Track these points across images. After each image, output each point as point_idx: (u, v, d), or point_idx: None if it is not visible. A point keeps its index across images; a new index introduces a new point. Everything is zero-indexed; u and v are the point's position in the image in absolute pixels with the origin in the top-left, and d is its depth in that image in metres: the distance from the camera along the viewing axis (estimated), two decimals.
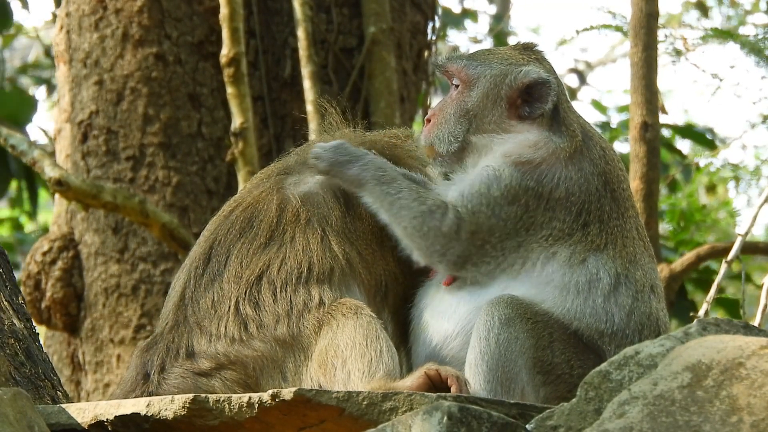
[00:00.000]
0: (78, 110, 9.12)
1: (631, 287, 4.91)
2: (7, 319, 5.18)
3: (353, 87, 9.21)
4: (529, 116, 5.00)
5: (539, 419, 3.91)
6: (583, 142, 4.99)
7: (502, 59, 5.08)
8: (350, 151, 5.04)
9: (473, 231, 4.87)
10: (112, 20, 9.09)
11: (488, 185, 4.89)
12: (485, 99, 5.04)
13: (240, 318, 4.90)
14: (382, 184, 4.96)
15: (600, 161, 4.98)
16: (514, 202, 4.88)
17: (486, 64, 5.07)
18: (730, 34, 9.36)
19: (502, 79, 5.03)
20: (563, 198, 4.90)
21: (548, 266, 4.86)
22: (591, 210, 4.91)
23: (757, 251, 10.40)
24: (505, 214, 4.88)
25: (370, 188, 4.96)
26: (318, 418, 4.49)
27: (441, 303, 4.99)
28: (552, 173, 4.91)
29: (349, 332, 4.79)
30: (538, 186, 4.89)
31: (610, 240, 4.91)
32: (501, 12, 18.21)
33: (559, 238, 4.87)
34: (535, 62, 5.09)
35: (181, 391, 4.83)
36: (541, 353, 4.82)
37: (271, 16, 9.31)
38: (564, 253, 4.86)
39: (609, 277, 4.87)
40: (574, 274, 4.86)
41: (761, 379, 3.68)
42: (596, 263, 4.88)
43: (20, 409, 4.30)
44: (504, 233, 4.88)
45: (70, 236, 9.13)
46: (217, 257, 5.02)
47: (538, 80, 5.00)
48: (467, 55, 5.15)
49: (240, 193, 5.28)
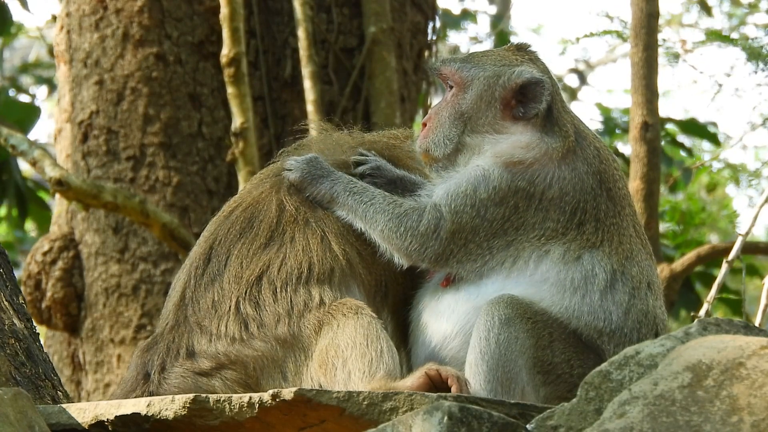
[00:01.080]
0: (78, 110, 9.12)
1: (627, 284, 4.91)
2: (8, 319, 5.18)
3: (353, 87, 9.21)
4: (524, 117, 5.00)
5: (539, 419, 3.91)
6: (577, 141, 4.99)
7: (496, 61, 5.09)
8: (323, 166, 5.09)
9: (454, 230, 4.89)
10: (113, 20, 9.09)
11: (475, 186, 4.90)
12: (479, 101, 5.04)
13: (240, 318, 4.90)
14: (354, 194, 5.00)
15: (594, 160, 4.98)
16: (501, 203, 4.89)
17: (479, 66, 5.07)
18: (729, 39, 9.37)
19: (495, 80, 5.03)
20: (557, 198, 4.91)
21: (542, 264, 4.87)
22: (586, 209, 4.92)
23: (758, 251, 10.42)
24: (491, 215, 4.89)
25: (342, 199, 5.00)
26: (318, 418, 4.49)
27: (439, 304, 5.00)
28: (544, 173, 4.92)
29: (349, 332, 4.79)
30: (529, 186, 4.90)
31: (606, 237, 4.92)
32: (501, 12, 18.21)
33: (551, 237, 4.88)
34: (528, 62, 5.09)
35: (182, 390, 4.83)
36: (541, 353, 4.82)
37: (271, 16, 9.31)
38: (557, 250, 4.87)
39: (605, 273, 4.88)
40: (569, 271, 4.86)
41: (762, 379, 3.68)
42: (591, 260, 4.88)
43: (21, 409, 4.31)
44: (490, 233, 4.89)
45: (71, 236, 9.13)
46: (218, 257, 5.02)
47: (532, 80, 5.00)
48: (461, 58, 5.15)
49: (240, 194, 5.28)
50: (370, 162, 5.23)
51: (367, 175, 5.21)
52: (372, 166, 5.23)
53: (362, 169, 5.22)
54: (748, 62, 8.86)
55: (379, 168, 5.23)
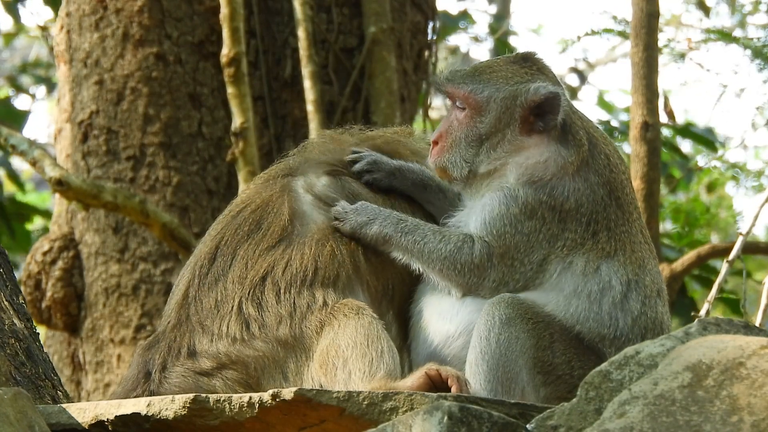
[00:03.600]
0: (78, 110, 9.12)
1: (640, 293, 4.98)
2: (8, 318, 5.18)
3: (353, 87, 9.21)
4: (543, 130, 5.02)
5: (540, 419, 3.91)
6: (589, 152, 5.04)
7: (507, 78, 5.07)
8: (370, 209, 5.08)
9: (502, 253, 4.95)
10: (113, 20, 9.09)
11: (507, 205, 4.96)
12: (498, 123, 5.06)
13: (242, 318, 4.90)
14: (406, 234, 5.03)
15: (605, 170, 5.03)
16: (532, 216, 4.95)
17: (492, 86, 5.06)
18: (732, 37, 9.36)
19: (513, 101, 5.04)
20: (573, 209, 4.96)
21: (564, 276, 4.93)
22: (599, 219, 4.98)
23: (758, 251, 10.41)
24: (527, 228, 4.95)
25: (396, 241, 5.03)
26: (318, 418, 4.49)
27: (442, 302, 5.00)
28: (562, 186, 4.98)
29: (350, 332, 4.79)
30: (550, 199, 4.96)
31: (620, 246, 4.99)
32: (501, 12, 18.20)
33: (572, 248, 4.95)
34: (538, 74, 5.09)
35: (182, 390, 4.83)
36: (542, 353, 4.83)
37: (271, 15, 9.31)
38: (579, 262, 4.95)
39: (620, 285, 4.95)
40: (588, 284, 4.93)
41: (762, 379, 3.68)
42: (608, 271, 4.95)
43: (21, 409, 4.31)
44: (528, 247, 4.94)
45: (71, 236, 9.13)
46: (223, 257, 5.02)
47: (549, 96, 5.01)
48: (469, 76, 5.11)
49: (247, 194, 5.26)
50: (365, 158, 5.24)
51: (366, 171, 5.22)
52: (368, 161, 5.23)
53: (359, 167, 5.23)
54: (752, 62, 8.86)
55: (376, 162, 5.23)
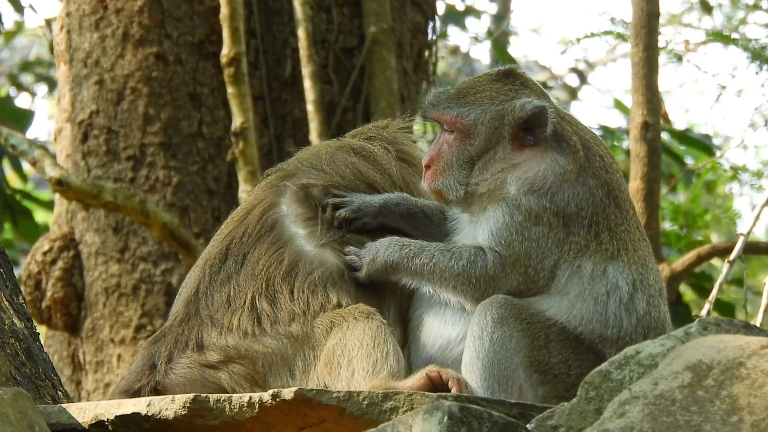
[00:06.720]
0: (78, 110, 9.12)
1: (645, 292, 5.00)
2: (8, 318, 5.18)
3: (353, 87, 9.21)
4: (535, 143, 5.02)
5: (540, 419, 3.91)
6: (585, 157, 5.05)
7: (492, 98, 5.07)
8: (379, 248, 5.03)
9: (514, 261, 4.94)
10: (113, 20, 9.09)
11: (510, 214, 4.96)
12: (488, 143, 5.07)
13: (255, 312, 4.92)
14: (412, 258, 5.01)
15: (602, 172, 5.05)
16: (538, 222, 4.96)
17: (477, 108, 5.06)
18: (731, 39, 9.35)
19: (500, 120, 5.04)
20: (574, 213, 4.98)
21: (572, 280, 4.93)
22: (599, 221, 4.99)
23: (758, 251, 10.40)
24: (534, 234, 4.95)
25: (404, 267, 5.01)
26: (318, 418, 4.49)
27: (443, 308, 5.02)
28: (562, 193, 4.99)
29: (358, 333, 4.81)
30: (553, 205, 4.97)
31: (621, 246, 5.01)
32: (501, 12, 18.20)
33: (578, 252, 4.95)
34: (522, 89, 5.10)
35: (187, 381, 4.84)
36: (537, 353, 4.85)
37: (271, 15, 9.31)
38: (588, 266, 4.94)
39: (627, 285, 4.97)
40: (596, 286, 4.94)
41: (762, 379, 3.68)
42: (615, 272, 4.97)
43: (21, 409, 4.31)
44: (539, 254, 4.94)
45: (71, 236, 9.13)
46: (234, 257, 5.04)
47: (535, 110, 5.02)
48: (454, 100, 5.10)
49: (254, 197, 5.27)
50: (347, 205, 5.17)
51: (353, 219, 5.17)
52: (351, 210, 5.16)
53: (344, 215, 5.15)
54: (750, 63, 8.86)
55: (360, 209, 5.17)
